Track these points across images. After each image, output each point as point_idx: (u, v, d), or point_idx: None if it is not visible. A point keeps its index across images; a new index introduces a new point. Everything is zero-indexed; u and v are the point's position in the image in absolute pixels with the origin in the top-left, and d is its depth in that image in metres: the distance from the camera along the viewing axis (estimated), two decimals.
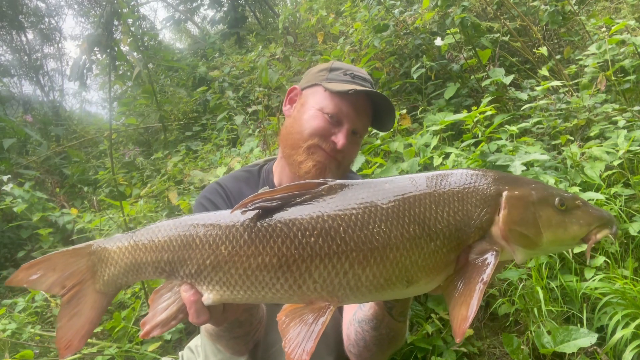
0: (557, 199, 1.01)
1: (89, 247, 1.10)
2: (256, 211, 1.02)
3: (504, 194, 1.01)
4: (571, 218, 1.00)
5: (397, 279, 0.98)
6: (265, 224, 1.01)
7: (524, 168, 2.68)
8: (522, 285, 2.51)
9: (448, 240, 0.99)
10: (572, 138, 3.29)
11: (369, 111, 1.69)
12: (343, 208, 1.00)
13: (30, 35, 13.03)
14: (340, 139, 1.60)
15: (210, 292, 1.03)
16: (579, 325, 2.33)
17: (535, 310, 2.39)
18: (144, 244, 1.06)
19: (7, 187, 4.45)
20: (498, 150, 3.03)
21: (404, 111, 3.79)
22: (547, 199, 1.01)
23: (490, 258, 0.97)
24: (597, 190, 2.70)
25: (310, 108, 1.64)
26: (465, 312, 0.92)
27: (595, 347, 2.19)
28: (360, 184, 1.05)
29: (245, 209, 1.02)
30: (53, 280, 1.07)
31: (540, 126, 3.55)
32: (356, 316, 1.47)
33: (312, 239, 0.98)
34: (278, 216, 1.01)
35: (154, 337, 2.87)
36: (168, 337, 2.85)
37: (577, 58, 4.08)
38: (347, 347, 1.55)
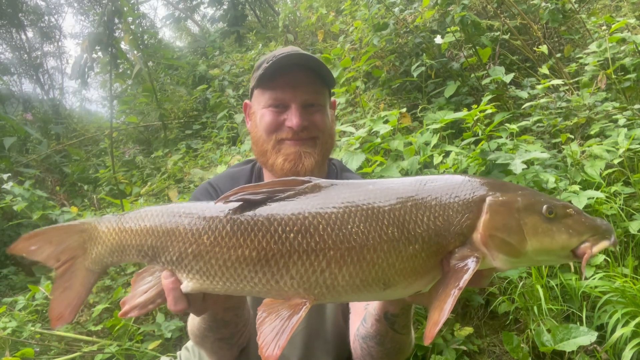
0: (544, 206, 0.97)
1: (82, 224, 1.14)
2: (239, 203, 1.03)
3: (487, 199, 0.99)
4: (560, 227, 0.96)
5: (373, 280, 0.98)
6: (247, 217, 1.02)
7: (524, 166, 2.68)
8: (522, 283, 2.51)
9: (427, 245, 0.98)
10: (573, 136, 3.29)
11: (309, 75, 1.59)
12: (324, 206, 1.00)
13: (30, 34, 13.03)
14: (292, 119, 1.55)
15: (190, 280, 1.05)
16: (578, 323, 2.33)
17: (535, 308, 2.40)
18: (130, 227, 1.10)
19: (7, 186, 4.45)
20: (498, 148, 3.03)
21: (404, 109, 3.79)
22: (533, 206, 0.98)
23: (470, 264, 0.96)
24: (597, 188, 2.70)
25: (257, 112, 1.63)
26: (437, 317, 0.92)
27: (595, 346, 2.20)
28: (344, 184, 1.06)
29: (228, 200, 1.03)
30: (49, 253, 1.13)
31: (541, 124, 3.55)
32: (359, 332, 1.45)
33: (292, 234, 0.98)
34: (260, 210, 1.02)
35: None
36: (168, 335, 2.85)
37: (577, 56, 4.08)
38: None
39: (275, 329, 0.95)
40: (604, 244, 0.94)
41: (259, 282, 1.00)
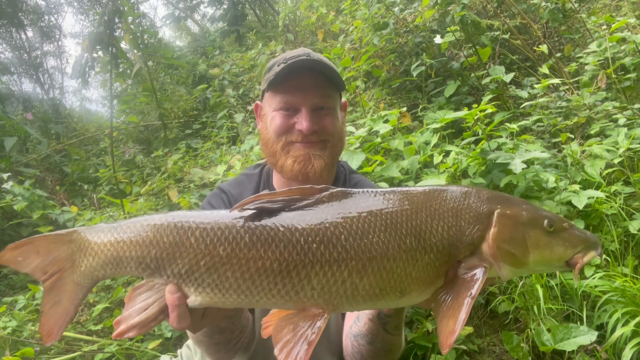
0: (546, 220, 1.04)
1: (70, 234, 1.05)
2: (257, 213, 1.00)
3: (496, 212, 1.04)
4: (558, 240, 1.03)
5: (391, 289, 0.99)
6: (267, 228, 0.98)
7: (524, 166, 2.68)
8: (522, 283, 2.51)
9: (441, 254, 1.01)
10: (573, 136, 3.29)
11: (319, 79, 1.59)
12: (344, 216, 1.00)
13: (30, 33, 13.02)
14: (302, 123, 1.56)
15: (199, 294, 0.98)
16: (578, 323, 2.33)
17: (535, 308, 2.40)
18: (129, 237, 1.00)
19: (7, 185, 4.46)
20: (498, 148, 3.03)
21: (404, 109, 3.79)
22: (536, 220, 1.04)
23: (479, 274, 0.99)
24: (597, 188, 2.70)
25: (268, 114, 1.64)
26: (452, 326, 0.94)
27: (595, 345, 2.20)
28: (361, 193, 1.06)
29: (244, 208, 1.00)
30: (36, 265, 1.04)
31: (541, 124, 3.55)
32: (352, 330, 1.47)
33: (314, 245, 0.97)
34: (280, 220, 0.99)
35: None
36: (169, 334, 2.85)
37: (577, 56, 4.08)
38: (345, 358, 1.57)
39: (294, 341, 0.94)
40: (592, 254, 1.04)
41: (277, 293, 0.97)
